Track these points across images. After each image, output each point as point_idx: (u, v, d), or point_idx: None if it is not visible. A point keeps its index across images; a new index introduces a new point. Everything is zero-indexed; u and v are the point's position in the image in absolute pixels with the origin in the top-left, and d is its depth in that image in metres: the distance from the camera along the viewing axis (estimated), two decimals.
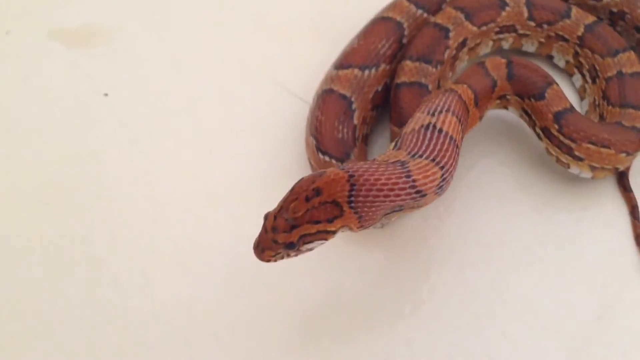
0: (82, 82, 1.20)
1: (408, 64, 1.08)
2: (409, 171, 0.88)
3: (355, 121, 1.07)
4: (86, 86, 1.20)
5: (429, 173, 0.89)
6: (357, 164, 0.88)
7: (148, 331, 1.00)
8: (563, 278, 1.02)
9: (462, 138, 0.96)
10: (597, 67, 1.11)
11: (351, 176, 0.86)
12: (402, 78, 1.08)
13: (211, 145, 1.14)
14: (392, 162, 0.90)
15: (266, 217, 0.87)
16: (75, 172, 1.13)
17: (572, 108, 1.04)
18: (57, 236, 1.07)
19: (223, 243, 1.05)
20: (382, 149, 1.13)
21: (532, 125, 1.07)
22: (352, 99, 1.07)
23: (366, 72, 1.08)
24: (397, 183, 0.87)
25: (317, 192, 0.85)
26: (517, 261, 1.03)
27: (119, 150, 1.14)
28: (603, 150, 1.02)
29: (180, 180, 1.11)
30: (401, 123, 1.05)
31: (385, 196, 0.86)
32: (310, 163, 1.07)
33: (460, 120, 0.96)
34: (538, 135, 1.07)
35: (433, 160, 0.91)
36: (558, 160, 1.06)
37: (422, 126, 0.93)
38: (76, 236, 1.07)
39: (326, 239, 0.88)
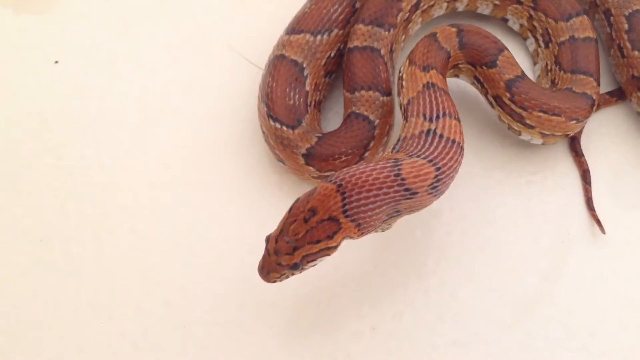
0: (32, 49, 1.22)
1: (361, 27, 1.10)
2: (399, 169, 0.89)
3: (307, 87, 1.09)
4: (36, 53, 1.21)
5: (421, 172, 0.91)
6: (344, 170, 0.90)
7: (99, 296, 1.05)
8: (511, 240, 1.08)
9: (462, 131, 0.97)
10: (550, 32, 1.14)
11: (339, 185, 0.88)
12: (354, 42, 1.10)
13: (163, 112, 1.17)
14: (385, 160, 0.92)
15: (267, 239, 0.91)
16: (24, 139, 1.15)
17: (523, 75, 1.07)
18: (5, 204, 1.11)
19: (173, 209, 1.10)
20: (336, 115, 1.17)
21: (484, 93, 1.10)
22: (304, 65, 1.09)
23: (318, 37, 1.11)
24: (384, 181, 0.88)
25: (313, 211, 0.88)
26: (466, 224, 1.08)
27: (70, 117, 1.17)
28: (554, 118, 1.05)
29: (131, 146, 1.15)
30: (353, 88, 1.08)
31: (375, 195, 0.88)
32: (262, 130, 1.10)
33: (458, 118, 0.98)
34: (490, 103, 1.10)
35: (430, 160, 0.92)
36: (510, 127, 1.09)
37: (422, 132, 0.96)
38: (25, 203, 1.11)
39: (329, 254, 0.91)
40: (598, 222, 1.08)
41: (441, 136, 0.95)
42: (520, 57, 1.16)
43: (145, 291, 1.05)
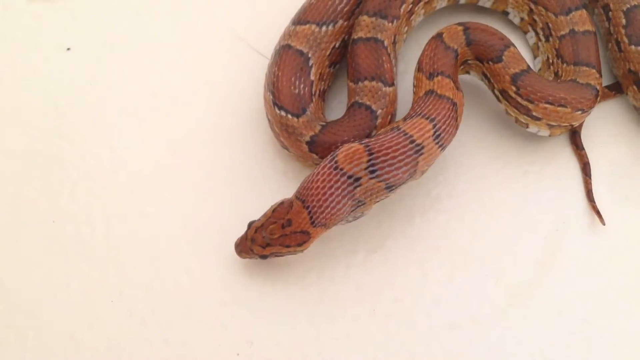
0: (44, 35, 1.28)
1: (365, 19, 1.16)
2: (336, 161, 1.02)
3: (312, 77, 1.16)
4: (49, 40, 1.28)
5: (354, 157, 1.01)
6: (301, 184, 1.04)
7: (109, 275, 1.12)
8: (508, 227, 1.15)
9: (437, 135, 1.05)
10: (551, 25, 1.20)
11: (303, 201, 1.02)
12: (359, 33, 1.16)
13: (171, 99, 1.24)
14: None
15: (249, 225, 1.07)
16: (37, 124, 1.22)
17: (529, 69, 1.13)
18: (19, 187, 1.18)
19: (181, 193, 1.17)
20: (340, 105, 1.23)
21: (491, 88, 1.16)
22: (309, 55, 1.16)
23: (323, 28, 1.17)
24: (330, 179, 1.01)
25: (290, 222, 1.03)
26: (464, 211, 1.15)
27: (82, 103, 1.24)
28: (560, 109, 1.11)
29: (140, 132, 1.21)
30: (357, 79, 1.14)
31: (330, 195, 1.01)
32: (267, 118, 1.17)
33: (433, 119, 1.05)
34: (497, 97, 1.15)
35: (366, 145, 1.02)
36: (517, 120, 1.15)
37: (391, 128, 1.05)
38: (38, 186, 1.18)
39: (295, 254, 1.08)
40: (598, 213, 1.14)
41: (398, 129, 1.04)
42: (520, 51, 1.22)
43: (154, 272, 1.12)
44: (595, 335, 1.09)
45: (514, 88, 1.11)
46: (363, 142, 1.03)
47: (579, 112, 1.12)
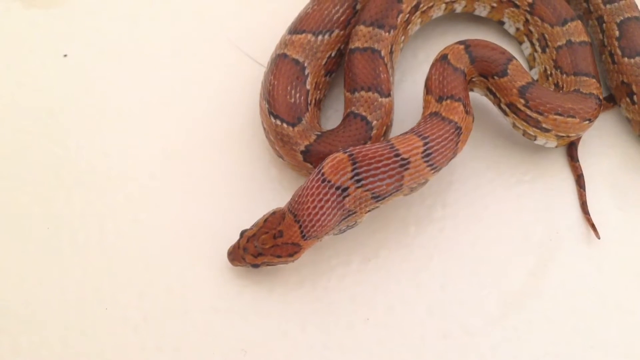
0: (41, 42, 1.30)
1: (362, 29, 1.19)
2: (323, 173, 1.04)
3: (308, 86, 1.18)
4: (45, 46, 1.30)
5: (339, 167, 1.03)
6: (293, 198, 1.06)
7: (103, 282, 1.13)
8: (501, 237, 1.17)
9: (427, 154, 1.05)
10: (547, 36, 1.22)
11: (295, 215, 1.05)
12: (356, 43, 1.18)
13: (167, 106, 1.26)
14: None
15: (242, 234, 1.10)
16: (32, 130, 1.24)
17: (533, 81, 1.14)
18: (13, 192, 1.20)
19: (176, 199, 1.18)
20: (336, 114, 1.26)
21: (497, 102, 1.17)
22: (305, 64, 1.18)
23: (319, 37, 1.19)
24: (320, 191, 1.03)
25: (281, 233, 1.05)
26: (458, 220, 1.17)
27: (77, 109, 1.25)
28: (569, 119, 1.12)
29: (135, 139, 1.23)
30: (354, 89, 1.16)
31: (320, 207, 1.03)
32: (263, 127, 1.19)
33: (425, 137, 1.06)
34: (504, 111, 1.16)
35: (350, 154, 1.04)
36: (525, 133, 1.16)
37: (383, 141, 1.07)
38: (32, 192, 1.19)
39: (287, 264, 1.10)
40: (593, 226, 1.15)
41: (388, 142, 1.06)
42: None
43: (148, 278, 1.14)
44: (587, 346, 1.10)
45: (522, 101, 1.13)
46: (347, 151, 1.05)
47: (586, 122, 1.14)
